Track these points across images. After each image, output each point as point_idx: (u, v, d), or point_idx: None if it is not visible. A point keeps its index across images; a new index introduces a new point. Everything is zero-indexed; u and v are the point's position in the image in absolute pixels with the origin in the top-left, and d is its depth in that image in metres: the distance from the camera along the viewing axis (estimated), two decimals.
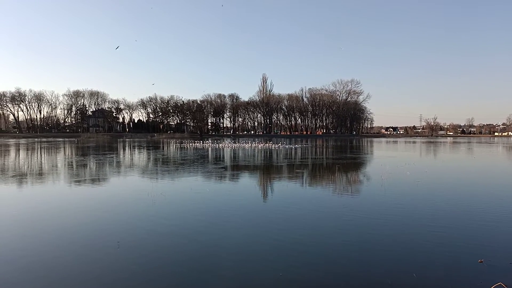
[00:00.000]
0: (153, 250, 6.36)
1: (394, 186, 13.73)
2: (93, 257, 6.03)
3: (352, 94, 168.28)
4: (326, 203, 10.79)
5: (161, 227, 7.87)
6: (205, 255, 6.16)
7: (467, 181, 16.27)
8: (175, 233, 7.47)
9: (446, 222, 8.41)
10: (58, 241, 6.88)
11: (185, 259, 5.98)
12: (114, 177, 16.87)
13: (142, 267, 5.60)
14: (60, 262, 5.80)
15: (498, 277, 5.25)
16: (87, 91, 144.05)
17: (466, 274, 5.40)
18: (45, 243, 6.77)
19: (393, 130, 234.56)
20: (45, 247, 6.52)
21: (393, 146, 59.39)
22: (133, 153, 37.24)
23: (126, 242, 6.79)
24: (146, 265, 5.67)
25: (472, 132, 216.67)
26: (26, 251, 6.31)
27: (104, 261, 5.87)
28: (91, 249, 6.41)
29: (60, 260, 5.87)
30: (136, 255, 6.12)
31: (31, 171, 19.09)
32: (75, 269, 5.50)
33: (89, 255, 6.10)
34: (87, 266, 5.61)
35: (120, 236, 7.22)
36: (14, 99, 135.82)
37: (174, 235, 7.30)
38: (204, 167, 21.05)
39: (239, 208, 10.02)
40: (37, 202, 10.81)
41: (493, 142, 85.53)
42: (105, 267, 5.60)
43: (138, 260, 5.87)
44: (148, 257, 6.02)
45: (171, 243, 6.83)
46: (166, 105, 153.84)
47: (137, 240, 6.96)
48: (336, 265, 5.75)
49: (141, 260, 5.87)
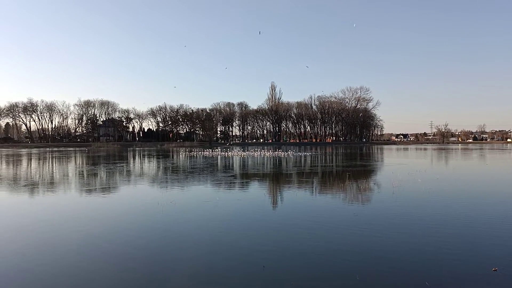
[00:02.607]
0: (162, 259, 6.39)
1: (405, 194, 13.58)
2: (100, 266, 6.08)
3: (361, 101, 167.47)
4: (336, 211, 10.72)
5: (170, 236, 7.91)
6: (213, 263, 6.17)
7: (480, 188, 16.02)
8: (184, 241, 7.50)
9: (459, 230, 8.29)
10: (60, 249, 6.96)
11: (193, 267, 6.00)
12: (124, 186, 17.02)
13: (151, 276, 5.63)
14: (69, 271, 5.87)
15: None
16: (98, 101, 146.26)
17: (480, 283, 5.31)
18: (51, 252, 6.85)
19: (403, 137, 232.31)
20: (50, 255, 6.61)
21: (404, 153, 58.85)
22: (143, 162, 37.53)
23: (136, 251, 6.84)
24: (155, 275, 5.70)
25: (484, 138, 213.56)
26: (28, 260, 6.40)
27: (112, 270, 5.91)
28: (99, 258, 6.47)
29: (68, 269, 5.94)
30: (145, 264, 6.15)
31: (43, 180, 19.36)
32: (82, 278, 5.55)
33: (97, 264, 6.16)
34: (94, 275, 5.66)
35: (129, 244, 7.27)
36: (27, 110, 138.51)
37: (184, 243, 7.33)
38: (214, 175, 21.11)
39: (248, 217, 10.02)
40: (47, 212, 10.94)
41: (506, 148, 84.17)
42: (113, 276, 5.64)
43: (148, 269, 5.91)
44: (156, 266, 6.05)
45: (180, 251, 6.85)
46: (175, 114, 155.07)
47: (148, 248, 7.01)
48: (347, 274, 5.70)
49: (150, 270, 5.90)
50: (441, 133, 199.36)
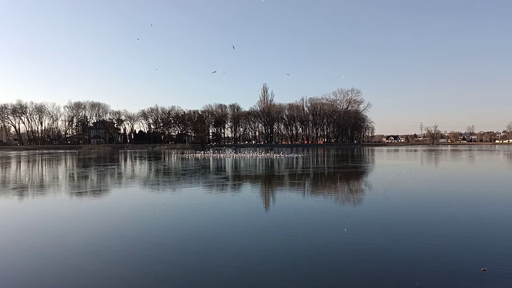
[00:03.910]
0: (153, 262, 6.35)
1: (396, 195, 13.70)
2: (90, 269, 6.02)
3: (352, 103, 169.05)
4: (328, 212, 10.76)
5: (161, 238, 7.87)
6: (203, 266, 6.15)
7: (468, 189, 16.22)
8: (175, 244, 7.47)
9: (448, 230, 8.39)
10: (56, 251, 6.88)
11: (184, 270, 5.98)
12: (115, 188, 16.88)
13: (140, 280, 5.59)
14: (59, 273, 5.81)
15: (502, 286, 5.25)
16: (88, 103, 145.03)
17: (469, 283, 5.38)
18: (42, 255, 6.77)
19: (394, 138, 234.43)
20: (42, 259, 6.53)
21: (394, 154, 59.35)
22: (134, 164, 37.27)
23: (128, 254, 6.80)
24: (145, 277, 5.66)
25: (473, 139, 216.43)
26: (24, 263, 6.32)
27: (102, 272, 5.86)
28: (89, 260, 6.41)
29: (59, 271, 5.87)
30: (136, 266, 6.11)
31: (32, 183, 19.10)
32: (72, 282, 5.49)
33: (87, 267, 6.10)
34: (85, 279, 5.60)
35: (121, 247, 7.22)
36: (16, 111, 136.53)
37: (175, 246, 7.30)
38: (206, 177, 21.06)
39: (240, 219, 10.01)
40: (36, 214, 10.81)
41: (494, 149, 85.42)
42: (104, 278, 5.59)
43: (138, 272, 5.87)
44: (147, 268, 6.02)
45: (170, 254, 6.82)
46: (167, 116, 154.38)
47: (138, 250, 6.96)
48: (337, 275, 5.73)
49: (140, 272, 5.86)
50: (431, 134, 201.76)
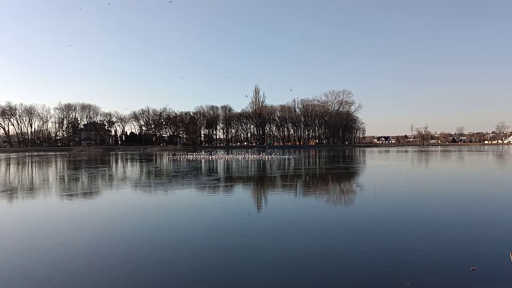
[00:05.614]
0: (145, 264, 6.31)
1: (387, 196, 13.81)
2: (83, 271, 5.96)
3: (344, 104, 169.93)
4: (320, 213, 10.80)
5: (152, 240, 7.82)
6: (195, 266, 6.13)
7: (458, 189, 16.42)
8: (166, 245, 7.43)
9: (438, 230, 8.47)
10: (47, 255, 6.79)
11: (176, 271, 5.95)
12: (106, 190, 16.72)
13: (133, 281, 5.55)
14: (48, 276, 5.73)
15: (491, 285, 5.31)
16: (79, 104, 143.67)
17: (459, 282, 5.44)
18: (34, 259, 6.68)
19: (385, 139, 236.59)
20: (35, 263, 6.44)
21: (385, 155, 59.80)
22: (125, 166, 36.98)
23: (119, 256, 6.74)
24: (137, 280, 5.62)
25: (463, 140, 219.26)
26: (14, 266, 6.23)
27: (93, 275, 5.80)
28: (81, 263, 6.34)
29: (48, 274, 5.80)
30: (127, 269, 6.07)
31: (21, 185, 18.84)
32: (63, 284, 5.43)
33: (79, 269, 6.03)
34: (77, 281, 5.54)
35: (113, 249, 7.16)
36: (5, 113, 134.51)
37: (166, 247, 7.26)
38: (197, 179, 20.98)
39: (232, 220, 9.99)
40: (26, 217, 10.65)
41: (483, 150, 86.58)
42: (95, 282, 5.53)
43: (130, 274, 5.82)
44: (138, 271, 5.97)
45: (162, 255, 6.78)
46: (158, 118, 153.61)
47: (128, 253, 6.91)
48: (329, 275, 5.75)
49: (132, 274, 5.82)
50: (421, 135, 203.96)
